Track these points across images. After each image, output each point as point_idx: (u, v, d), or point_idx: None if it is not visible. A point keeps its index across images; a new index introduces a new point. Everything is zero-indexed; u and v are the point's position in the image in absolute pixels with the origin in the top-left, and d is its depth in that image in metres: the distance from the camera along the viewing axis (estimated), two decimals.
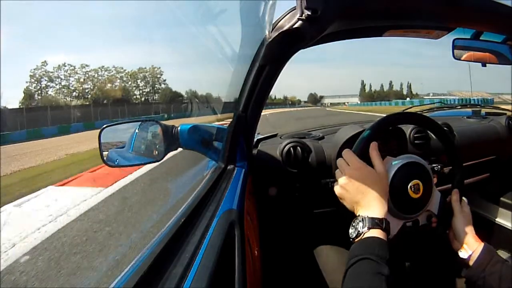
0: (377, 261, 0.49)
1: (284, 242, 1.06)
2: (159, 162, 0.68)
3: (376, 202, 0.58)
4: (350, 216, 0.59)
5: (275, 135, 1.12)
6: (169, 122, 0.71)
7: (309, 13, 0.51)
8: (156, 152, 0.70)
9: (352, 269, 0.50)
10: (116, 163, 0.73)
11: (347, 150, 0.64)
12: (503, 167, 1.18)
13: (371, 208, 0.57)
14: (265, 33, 0.62)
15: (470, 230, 0.66)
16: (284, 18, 0.58)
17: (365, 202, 0.58)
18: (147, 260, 0.35)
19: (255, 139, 0.96)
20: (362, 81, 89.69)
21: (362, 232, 0.54)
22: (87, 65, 47.93)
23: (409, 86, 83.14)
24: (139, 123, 0.81)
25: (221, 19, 0.80)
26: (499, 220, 1.17)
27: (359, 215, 0.57)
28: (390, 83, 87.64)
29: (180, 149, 0.71)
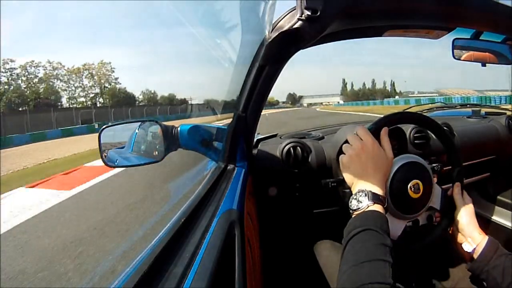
0: (381, 233, 0.49)
1: (284, 242, 1.06)
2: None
3: (380, 182, 0.58)
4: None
5: (275, 135, 1.13)
6: None
7: (309, 13, 0.51)
8: (156, 153, 0.70)
9: (355, 238, 0.50)
10: (116, 163, 0.73)
11: (361, 127, 0.64)
12: (503, 167, 1.18)
13: (374, 186, 0.58)
14: (265, 33, 0.62)
15: (473, 222, 0.66)
16: (284, 18, 0.58)
17: (370, 178, 0.58)
18: (147, 260, 0.35)
19: (255, 139, 0.96)
20: (343, 80, 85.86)
21: (367, 205, 0.55)
22: (12, 61, 38.35)
23: (393, 84, 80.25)
24: (139, 123, 0.81)
25: (221, 19, 0.80)
26: (499, 219, 1.17)
27: (360, 190, 0.57)
28: (373, 81, 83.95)
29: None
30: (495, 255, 0.60)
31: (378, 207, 0.55)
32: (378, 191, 0.57)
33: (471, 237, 0.64)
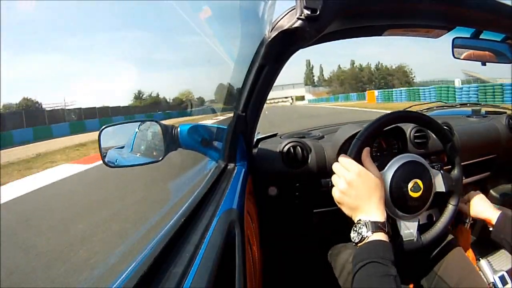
0: (384, 264, 0.50)
1: (284, 242, 1.06)
2: None
3: (377, 207, 0.58)
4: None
5: (275, 135, 1.12)
6: None
7: (308, 12, 0.51)
8: (156, 152, 0.70)
9: (360, 273, 0.50)
10: (116, 163, 0.73)
11: (343, 155, 0.64)
12: (504, 166, 1.18)
13: (373, 213, 0.57)
14: (264, 33, 0.62)
15: (485, 203, 0.78)
16: (284, 18, 0.58)
17: (366, 207, 0.58)
18: (147, 260, 0.35)
19: (255, 139, 0.96)
20: (308, 62, 59.96)
21: (366, 236, 0.54)
22: None
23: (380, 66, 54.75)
24: (139, 123, 0.81)
25: (221, 18, 0.80)
26: None
27: (360, 220, 0.57)
28: (353, 63, 56.61)
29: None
30: (506, 226, 0.71)
31: (379, 235, 0.55)
32: (377, 217, 0.57)
33: (488, 217, 0.75)
